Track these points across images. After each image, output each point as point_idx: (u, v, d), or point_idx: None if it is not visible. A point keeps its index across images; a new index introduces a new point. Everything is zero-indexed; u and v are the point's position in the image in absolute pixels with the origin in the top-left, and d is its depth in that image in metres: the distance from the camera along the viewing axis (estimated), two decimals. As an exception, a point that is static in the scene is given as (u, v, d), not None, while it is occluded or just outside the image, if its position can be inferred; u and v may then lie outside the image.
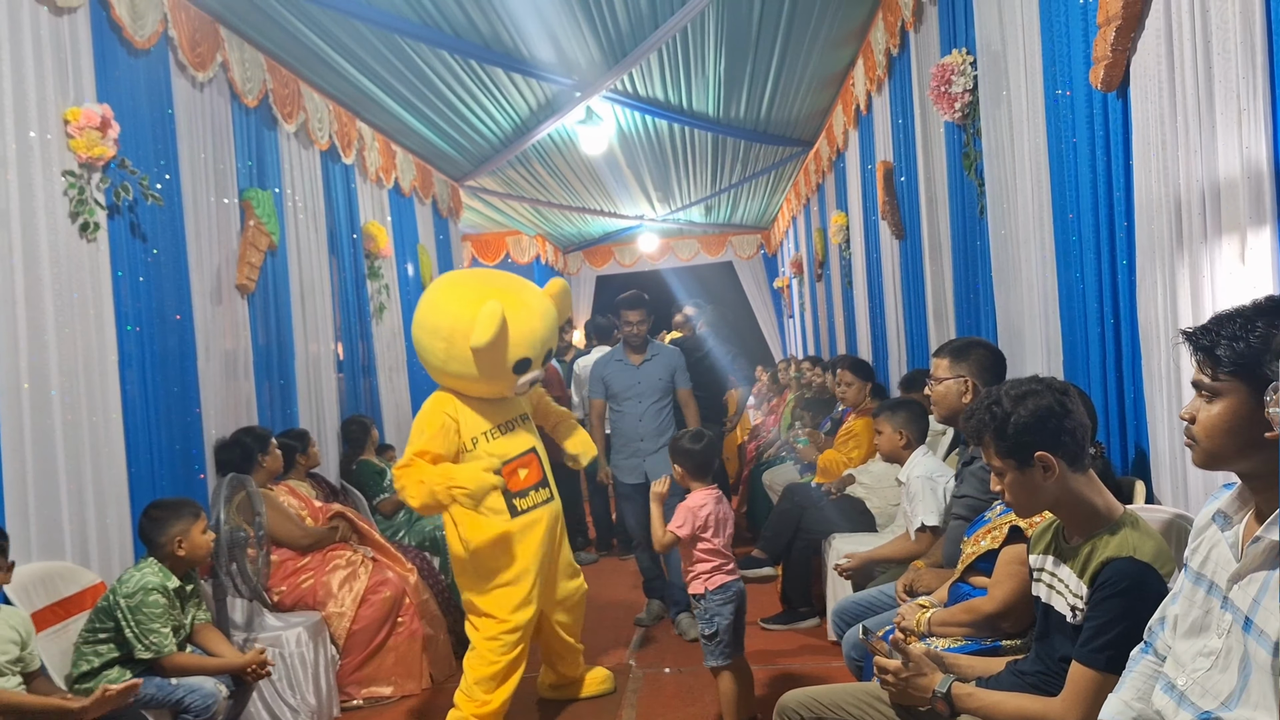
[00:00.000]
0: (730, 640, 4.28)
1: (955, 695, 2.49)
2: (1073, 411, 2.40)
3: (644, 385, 6.30)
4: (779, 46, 7.32)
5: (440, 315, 4.52)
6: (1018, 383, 2.50)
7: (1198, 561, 1.97)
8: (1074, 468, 2.39)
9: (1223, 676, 1.82)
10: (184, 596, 4.01)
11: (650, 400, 6.29)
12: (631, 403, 6.31)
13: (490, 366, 4.44)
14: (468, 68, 7.11)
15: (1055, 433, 2.38)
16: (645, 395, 6.29)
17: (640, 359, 6.35)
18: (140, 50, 4.80)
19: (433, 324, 4.53)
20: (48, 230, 4.11)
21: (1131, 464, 3.43)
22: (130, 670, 3.74)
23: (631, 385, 6.32)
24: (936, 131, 5.51)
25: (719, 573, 4.31)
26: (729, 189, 12.74)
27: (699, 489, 4.41)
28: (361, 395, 7.68)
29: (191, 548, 3.97)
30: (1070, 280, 3.75)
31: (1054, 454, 2.37)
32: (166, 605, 3.85)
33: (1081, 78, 3.46)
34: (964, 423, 2.60)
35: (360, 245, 7.70)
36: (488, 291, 4.52)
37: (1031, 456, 2.39)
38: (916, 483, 4.32)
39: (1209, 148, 2.69)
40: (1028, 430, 2.39)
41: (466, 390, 4.59)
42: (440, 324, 4.49)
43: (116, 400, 4.49)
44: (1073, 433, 2.39)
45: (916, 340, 6.57)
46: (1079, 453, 2.40)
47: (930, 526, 4.24)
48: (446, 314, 4.50)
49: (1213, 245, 2.71)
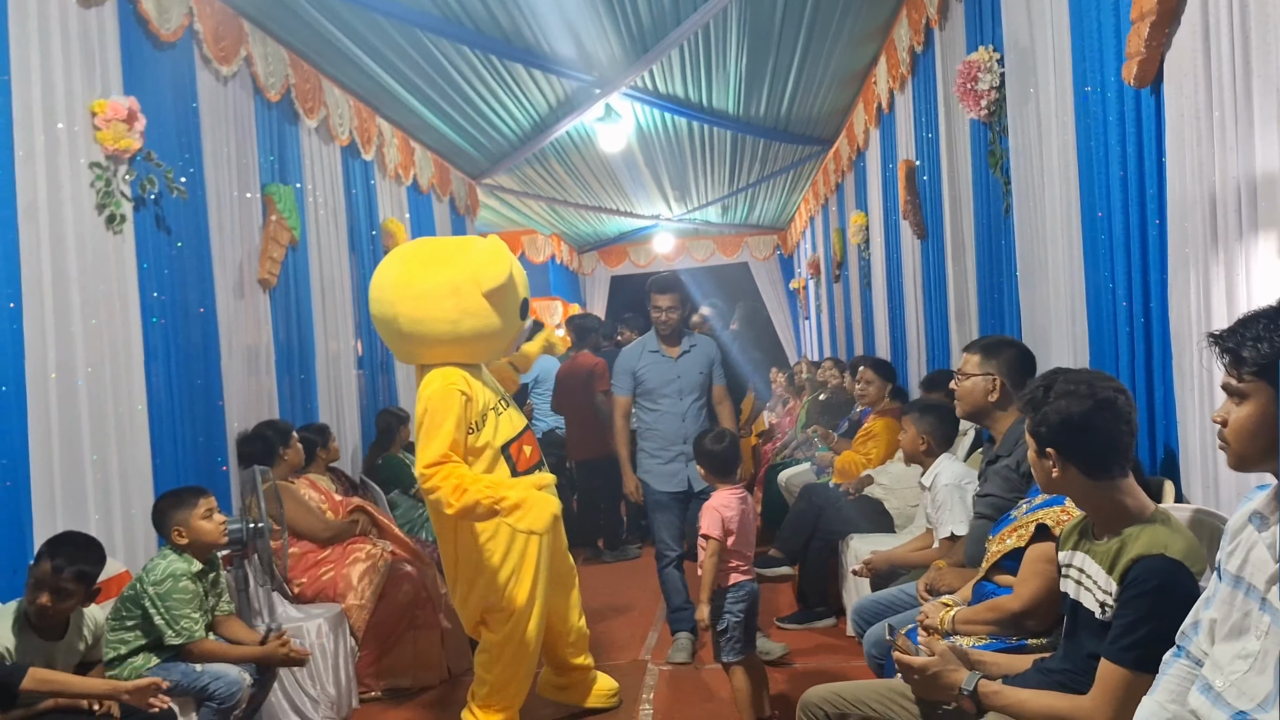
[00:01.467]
0: (741, 637, 4.30)
1: (982, 693, 2.47)
2: (1099, 428, 2.37)
3: (685, 380, 5.66)
4: (801, 44, 7.30)
5: (434, 274, 4.13)
6: (1077, 377, 2.47)
7: (1235, 564, 1.95)
8: (1090, 476, 2.39)
9: (1260, 679, 1.81)
10: (206, 584, 4.00)
11: (693, 397, 5.66)
12: (671, 400, 5.64)
13: (508, 310, 4.18)
14: (488, 63, 7.12)
15: (1072, 441, 2.39)
16: (687, 391, 5.65)
17: (677, 351, 5.71)
18: (166, 43, 4.82)
19: (426, 288, 4.10)
20: (74, 222, 4.13)
21: (1160, 464, 3.41)
22: (157, 656, 3.76)
23: (670, 380, 5.66)
24: (961, 129, 5.49)
25: (734, 572, 4.34)
26: (746, 188, 12.73)
27: (724, 489, 4.42)
28: (380, 392, 7.69)
29: (193, 533, 3.91)
30: (1098, 279, 3.73)
31: (1066, 458, 2.39)
32: (195, 591, 3.85)
33: (1113, 73, 3.44)
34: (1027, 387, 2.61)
35: (379, 242, 7.70)
36: (451, 245, 4.37)
37: (1044, 449, 2.43)
38: (944, 491, 4.24)
39: (1246, 144, 2.67)
40: (1048, 426, 2.42)
41: (475, 355, 4.25)
42: (438, 282, 4.10)
43: (141, 391, 4.51)
44: (1090, 448, 2.38)
45: (937, 341, 6.54)
46: (1097, 466, 2.38)
47: (959, 536, 4.20)
48: (441, 270, 4.14)
49: (1249, 243, 2.69)
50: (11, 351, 3.78)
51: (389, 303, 4.16)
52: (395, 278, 4.21)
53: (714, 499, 4.40)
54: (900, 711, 2.84)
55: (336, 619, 4.93)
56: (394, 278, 4.21)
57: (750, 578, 4.38)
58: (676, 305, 5.68)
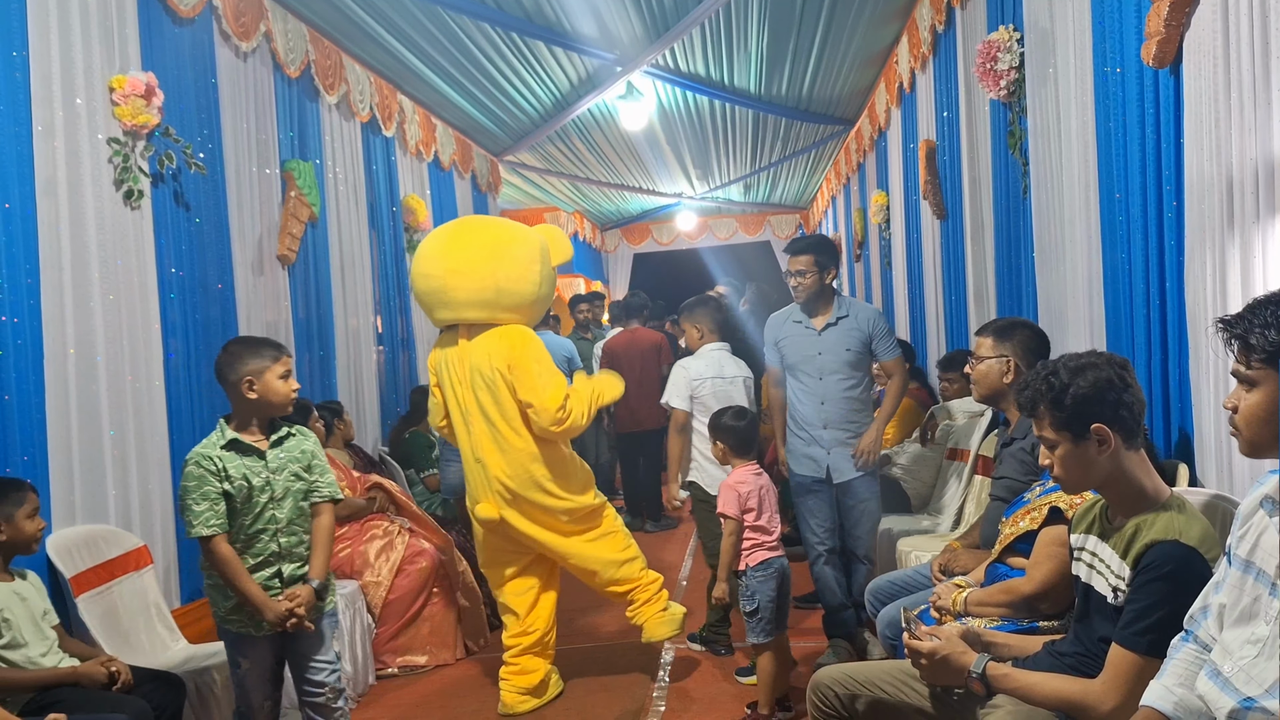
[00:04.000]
0: (772, 617, 4.27)
1: (991, 675, 2.47)
2: (1131, 386, 2.37)
3: (827, 358, 4.87)
4: (823, 23, 7.26)
5: (525, 241, 4.54)
6: (1076, 356, 2.45)
7: (1245, 549, 1.94)
8: (1129, 444, 2.35)
9: (1269, 664, 1.80)
10: (246, 452, 3.46)
11: (837, 377, 4.87)
12: (811, 379, 4.91)
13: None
14: (509, 41, 7.11)
15: (1114, 406, 2.34)
16: (829, 370, 4.87)
17: (822, 322, 4.91)
18: (185, 19, 4.83)
19: (524, 252, 4.50)
20: (93, 197, 4.16)
21: (1175, 447, 3.39)
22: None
23: (809, 356, 4.91)
24: (981, 110, 5.45)
25: (760, 549, 4.30)
26: (768, 167, 12.69)
27: (740, 466, 4.41)
28: (400, 369, 7.70)
29: (265, 391, 3.45)
30: (1116, 261, 3.70)
31: (1111, 427, 2.33)
32: (203, 476, 3.36)
33: (1133, 54, 3.40)
34: (1019, 394, 2.56)
35: (400, 218, 7.72)
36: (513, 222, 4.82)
37: (1088, 429, 2.35)
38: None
39: (1264, 126, 2.64)
40: (1086, 401, 2.35)
41: (534, 319, 4.68)
42: (532, 248, 4.51)
43: (159, 367, 4.54)
44: (1130, 407, 2.35)
45: (956, 321, 6.51)
46: (1135, 428, 2.36)
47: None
48: (527, 237, 4.55)
49: (1265, 226, 2.66)
50: (30, 327, 3.81)
51: (488, 260, 4.43)
52: (494, 239, 4.53)
53: (731, 477, 4.40)
54: (911, 693, 2.84)
55: (353, 596, 4.96)
56: (493, 239, 4.53)
57: (779, 554, 4.34)
58: (810, 268, 4.85)
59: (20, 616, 3.28)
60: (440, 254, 4.51)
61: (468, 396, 4.50)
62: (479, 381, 4.45)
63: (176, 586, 4.61)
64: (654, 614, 4.74)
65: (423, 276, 4.52)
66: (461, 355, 4.51)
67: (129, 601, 4.07)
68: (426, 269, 4.51)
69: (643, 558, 4.85)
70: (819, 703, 2.95)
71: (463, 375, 4.50)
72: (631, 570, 4.75)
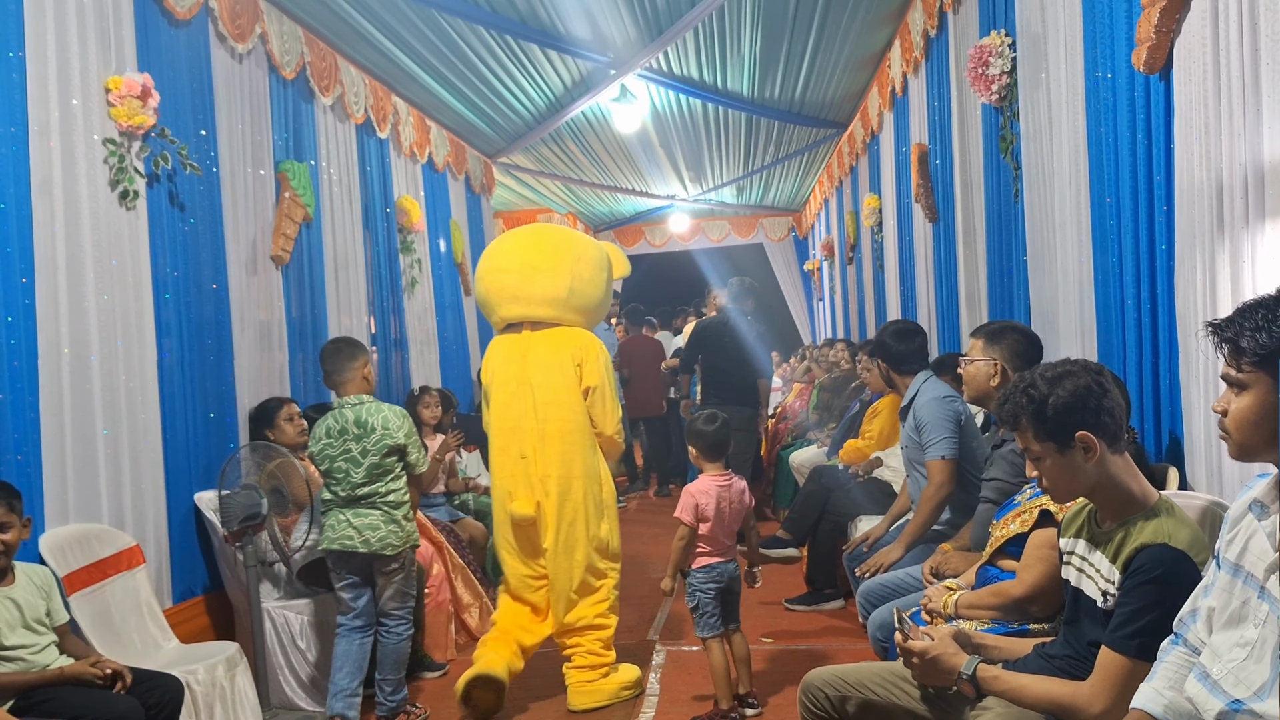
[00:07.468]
0: (715, 614, 4.39)
1: (981, 677, 2.47)
2: (1110, 391, 2.37)
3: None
4: (815, 27, 7.28)
5: (596, 248, 4.77)
6: (1051, 365, 2.46)
7: (1234, 552, 1.95)
8: (1113, 449, 2.36)
9: (1257, 667, 1.81)
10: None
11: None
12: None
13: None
14: (504, 43, 7.11)
15: (1095, 412, 2.34)
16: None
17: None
18: (181, 21, 4.84)
19: (596, 257, 4.73)
20: (89, 197, 4.16)
21: (1165, 451, 3.41)
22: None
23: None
24: (973, 114, 5.47)
25: (706, 555, 4.40)
26: (761, 170, 12.70)
27: (708, 474, 4.46)
28: (393, 370, 7.70)
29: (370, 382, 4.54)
30: (1107, 265, 3.72)
31: (1095, 433, 2.33)
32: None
33: (1123, 60, 3.43)
34: (999, 408, 2.56)
35: (394, 220, 7.72)
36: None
37: (1072, 437, 2.35)
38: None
39: (1254, 131, 2.66)
40: (1068, 410, 2.35)
41: (595, 324, 4.91)
42: (602, 256, 4.76)
43: (153, 367, 4.55)
44: (1111, 412, 2.36)
45: (948, 324, 6.53)
46: (1118, 433, 2.37)
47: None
48: (599, 246, 4.80)
49: (1255, 230, 2.68)
50: (24, 327, 3.81)
51: (566, 258, 4.63)
52: (572, 242, 4.77)
53: (694, 484, 4.45)
54: (902, 694, 2.85)
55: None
56: (570, 241, 4.77)
57: (726, 560, 4.43)
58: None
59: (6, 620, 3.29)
60: (519, 249, 4.72)
61: (523, 391, 4.56)
62: (537, 372, 4.55)
63: (168, 586, 4.61)
64: (581, 680, 4.65)
65: (498, 271, 4.65)
66: (523, 350, 4.61)
67: (121, 601, 4.07)
68: (503, 263, 4.66)
69: (613, 627, 4.78)
70: (809, 704, 2.96)
71: (520, 371, 4.58)
72: (603, 625, 4.72)
